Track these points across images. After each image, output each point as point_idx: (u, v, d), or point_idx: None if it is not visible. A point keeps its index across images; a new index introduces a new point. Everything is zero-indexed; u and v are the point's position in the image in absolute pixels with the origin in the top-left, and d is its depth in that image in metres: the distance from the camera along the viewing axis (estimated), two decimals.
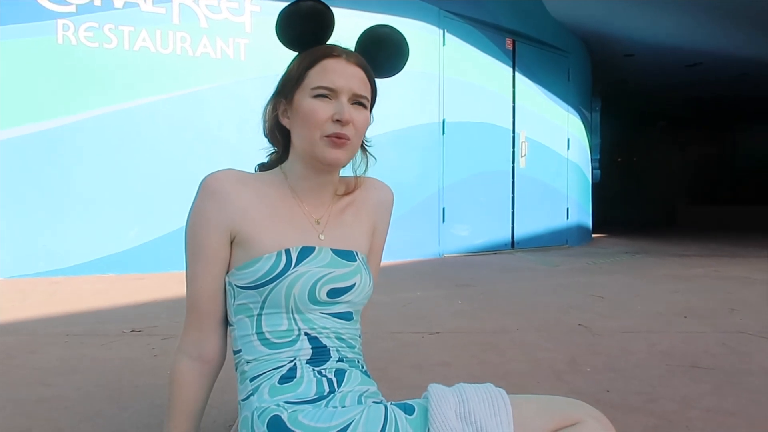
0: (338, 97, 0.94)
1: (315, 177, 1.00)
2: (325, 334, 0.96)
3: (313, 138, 0.94)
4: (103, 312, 2.83)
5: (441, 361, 2.03)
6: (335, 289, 0.96)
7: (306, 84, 0.95)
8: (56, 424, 1.42)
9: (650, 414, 1.52)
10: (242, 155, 4.43)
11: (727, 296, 3.40)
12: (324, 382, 0.92)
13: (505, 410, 0.82)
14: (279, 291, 0.92)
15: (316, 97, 0.94)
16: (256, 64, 4.56)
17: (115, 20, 4.17)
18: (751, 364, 2.01)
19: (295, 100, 0.97)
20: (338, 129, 0.93)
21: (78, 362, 1.96)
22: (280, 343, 0.94)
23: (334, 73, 0.94)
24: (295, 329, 0.94)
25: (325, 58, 0.95)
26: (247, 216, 0.95)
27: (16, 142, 3.93)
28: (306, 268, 0.93)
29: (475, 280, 4.02)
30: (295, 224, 0.99)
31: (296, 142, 0.99)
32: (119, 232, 4.18)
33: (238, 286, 0.95)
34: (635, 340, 2.35)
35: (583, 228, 7.55)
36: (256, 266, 0.93)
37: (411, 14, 5.26)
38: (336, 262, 0.97)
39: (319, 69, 0.95)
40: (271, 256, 0.93)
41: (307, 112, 0.94)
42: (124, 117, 4.20)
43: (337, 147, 0.94)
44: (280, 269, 0.92)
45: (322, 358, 0.94)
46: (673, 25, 7.03)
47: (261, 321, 0.95)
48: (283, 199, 1.00)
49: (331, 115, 0.93)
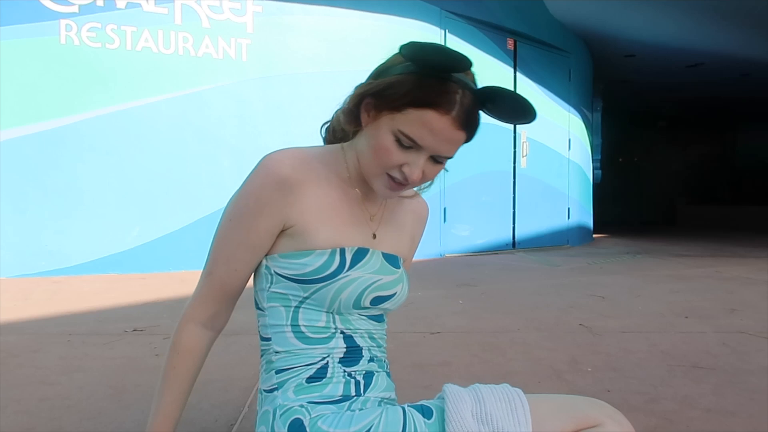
0: (419, 152, 0.85)
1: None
2: (360, 333, 0.94)
3: (376, 170, 0.88)
4: (105, 311, 2.84)
5: (442, 361, 2.04)
6: (378, 297, 0.94)
7: (399, 118, 0.83)
8: (58, 422, 1.43)
9: (651, 414, 1.53)
10: (243, 155, 4.45)
11: (727, 296, 3.40)
12: (352, 384, 0.91)
13: (522, 410, 0.81)
14: (326, 293, 0.88)
15: (397, 140, 0.84)
16: (258, 65, 4.57)
17: (118, 20, 4.18)
18: (751, 364, 2.01)
19: (381, 118, 0.86)
20: (401, 179, 0.87)
21: (80, 361, 1.97)
22: (315, 339, 0.91)
23: (430, 132, 0.83)
24: (332, 327, 0.92)
25: (433, 107, 0.81)
26: (306, 209, 0.89)
27: (19, 141, 3.94)
28: (358, 274, 0.90)
29: (476, 280, 4.02)
30: (352, 219, 0.94)
31: (360, 149, 0.91)
32: (121, 231, 4.19)
33: (280, 274, 0.90)
34: (636, 339, 2.35)
35: (584, 228, 7.55)
36: (305, 260, 0.88)
37: (412, 14, 5.26)
38: (384, 269, 0.94)
39: (419, 116, 0.82)
40: (324, 252, 0.88)
41: (380, 146, 0.85)
42: (127, 117, 4.21)
43: (393, 189, 0.89)
44: (332, 270, 0.88)
45: (354, 357, 0.93)
46: (674, 25, 7.03)
47: (298, 313, 0.91)
48: (342, 189, 0.94)
49: (401, 164, 0.86)
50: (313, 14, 4.81)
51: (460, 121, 0.82)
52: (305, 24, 4.79)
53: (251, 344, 2.18)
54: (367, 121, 0.89)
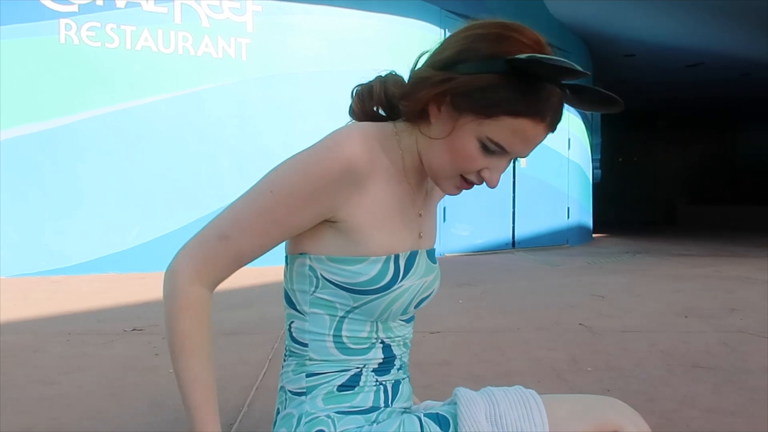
0: (503, 157, 0.80)
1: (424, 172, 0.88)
2: (397, 342, 0.90)
3: (450, 172, 0.81)
4: (105, 311, 2.84)
5: (442, 360, 2.04)
6: (421, 300, 0.90)
7: (488, 124, 0.76)
8: (58, 422, 1.43)
9: (650, 413, 1.52)
10: (243, 155, 4.45)
11: (727, 296, 3.40)
12: (381, 392, 0.88)
13: (538, 411, 0.79)
14: (378, 304, 0.82)
15: (483, 146, 0.77)
16: (258, 64, 4.56)
17: (117, 20, 4.18)
18: (751, 364, 2.01)
19: (461, 120, 0.77)
20: (477, 182, 0.82)
21: (79, 361, 1.97)
22: (355, 350, 0.86)
23: (522, 140, 0.77)
24: (374, 337, 0.87)
25: (531, 117, 0.75)
26: (364, 205, 0.81)
27: (19, 141, 3.94)
28: (410, 282, 0.84)
29: (476, 280, 4.02)
30: (404, 218, 0.87)
31: (430, 148, 0.82)
32: (121, 231, 4.19)
33: (327, 279, 0.83)
34: (636, 339, 2.35)
35: (583, 228, 7.55)
36: (357, 267, 0.81)
37: (412, 14, 5.26)
38: (428, 269, 0.89)
39: (512, 124, 0.75)
40: (379, 260, 0.81)
41: (463, 151, 0.78)
42: (126, 116, 4.21)
43: (462, 189, 0.84)
44: (386, 281, 0.82)
45: (387, 367, 0.89)
46: (674, 25, 7.02)
47: (343, 324, 0.85)
48: (398, 182, 0.86)
49: (481, 169, 0.80)
50: (313, 14, 4.80)
51: (553, 125, 0.79)
52: (305, 23, 4.79)
53: (251, 343, 2.18)
54: (438, 117, 0.80)
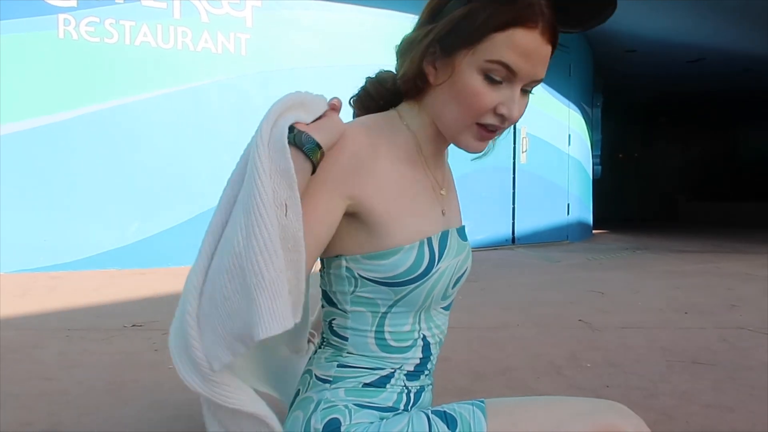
0: (513, 83, 0.75)
1: (443, 143, 0.87)
2: (436, 335, 0.88)
3: (464, 122, 0.78)
4: (104, 307, 2.84)
5: (441, 356, 2.02)
6: (458, 279, 0.87)
7: (483, 49, 0.73)
8: (57, 418, 1.43)
9: (650, 409, 1.52)
10: (243, 150, 4.43)
11: (727, 292, 3.40)
12: (404, 397, 0.86)
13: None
14: (420, 292, 0.80)
15: (487, 77, 0.74)
16: (257, 59, 4.55)
17: (116, 15, 4.16)
18: (751, 360, 2.01)
19: (457, 60, 0.75)
20: (497, 123, 0.78)
21: (79, 357, 1.97)
22: (395, 348, 0.84)
23: (523, 54, 0.73)
24: (416, 331, 0.85)
25: (519, 24, 0.72)
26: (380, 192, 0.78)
27: (17, 136, 3.93)
28: (446, 263, 0.81)
29: (476, 276, 4.02)
30: (427, 200, 0.84)
31: (438, 107, 0.80)
32: (120, 227, 4.19)
33: (365, 277, 0.80)
34: (635, 335, 2.35)
35: (583, 224, 7.55)
36: (393, 259, 0.78)
37: (411, 9, 5.21)
38: (460, 247, 0.86)
39: (505, 39, 0.72)
40: (413, 247, 0.78)
41: (469, 92, 0.75)
42: (125, 112, 4.20)
43: (484, 139, 0.80)
44: (424, 267, 0.79)
45: (420, 369, 0.88)
46: (675, 20, 7.00)
47: (385, 319, 0.82)
48: (414, 165, 0.83)
49: (495, 106, 0.76)
50: (312, 9, 4.79)
51: (548, 33, 0.74)
52: (305, 19, 4.78)
53: None
54: (436, 76, 0.78)
